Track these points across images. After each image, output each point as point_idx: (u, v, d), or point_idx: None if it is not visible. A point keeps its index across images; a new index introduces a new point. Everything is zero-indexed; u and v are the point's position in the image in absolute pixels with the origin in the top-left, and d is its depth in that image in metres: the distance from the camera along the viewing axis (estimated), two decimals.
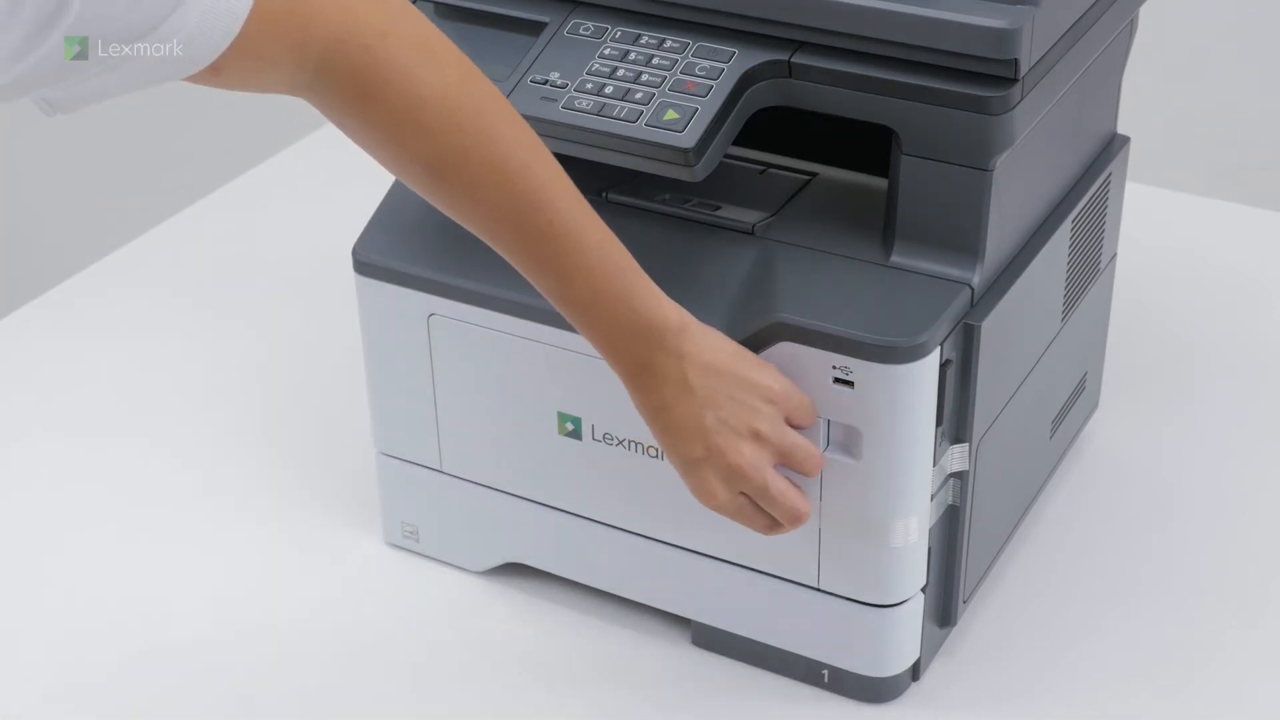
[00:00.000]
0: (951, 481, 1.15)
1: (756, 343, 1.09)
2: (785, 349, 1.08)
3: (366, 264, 1.21)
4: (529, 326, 1.16)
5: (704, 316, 1.11)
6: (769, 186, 1.20)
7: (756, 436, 1.05)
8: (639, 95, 1.09)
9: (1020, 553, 1.31)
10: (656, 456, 1.16)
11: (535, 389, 1.19)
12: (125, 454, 1.44)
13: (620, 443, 1.17)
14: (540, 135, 1.11)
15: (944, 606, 1.19)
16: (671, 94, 1.08)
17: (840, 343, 1.07)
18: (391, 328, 1.22)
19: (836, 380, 1.08)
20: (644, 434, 1.15)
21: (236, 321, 1.60)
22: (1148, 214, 1.62)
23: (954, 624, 1.21)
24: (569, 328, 1.11)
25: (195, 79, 0.89)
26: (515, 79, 1.12)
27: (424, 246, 1.20)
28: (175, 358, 1.56)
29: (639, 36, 1.11)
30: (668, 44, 1.11)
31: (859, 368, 1.07)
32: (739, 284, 1.12)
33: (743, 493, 1.07)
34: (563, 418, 1.18)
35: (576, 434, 1.18)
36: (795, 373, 1.09)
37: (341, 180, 1.83)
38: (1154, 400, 1.48)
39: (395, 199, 1.23)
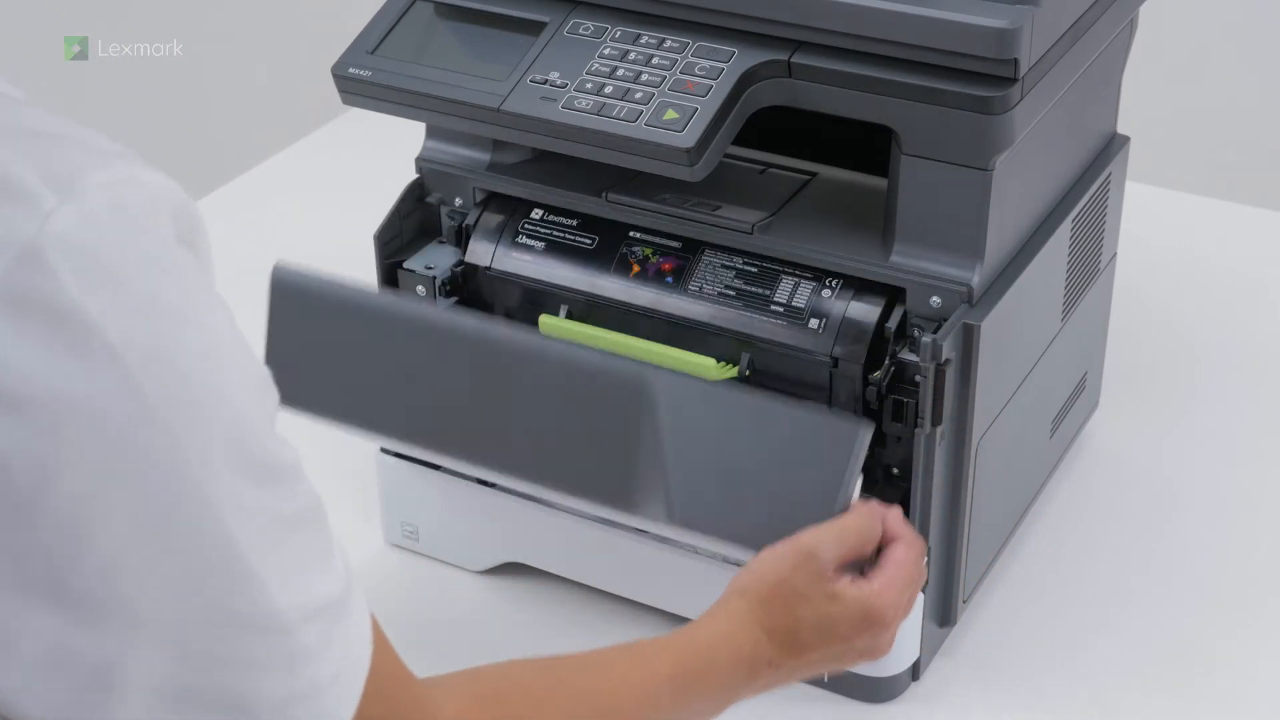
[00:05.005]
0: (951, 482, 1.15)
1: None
2: None
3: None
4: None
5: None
6: (769, 186, 1.20)
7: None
8: (639, 95, 1.09)
9: (1020, 553, 1.30)
10: None
11: None
12: None
13: None
14: (540, 135, 1.11)
15: (944, 606, 1.19)
16: (671, 94, 1.08)
17: None
18: None
19: None
20: None
21: (236, 321, 1.60)
22: (1148, 214, 1.62)
23: (954, 624, 1.21)
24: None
25: None
26: (515, 79, 1.12)
27: None
28: None
29: (639, 36, 1.11)
30: (668, 44, 1.10)
31: None
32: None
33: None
34: None
35: None
36: None
37: (341, 180, 1.83)
38: (1154, 400, 1.48)
39: None
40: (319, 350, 1.09)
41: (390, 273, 1.23)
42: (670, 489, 1.02)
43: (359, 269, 1.30)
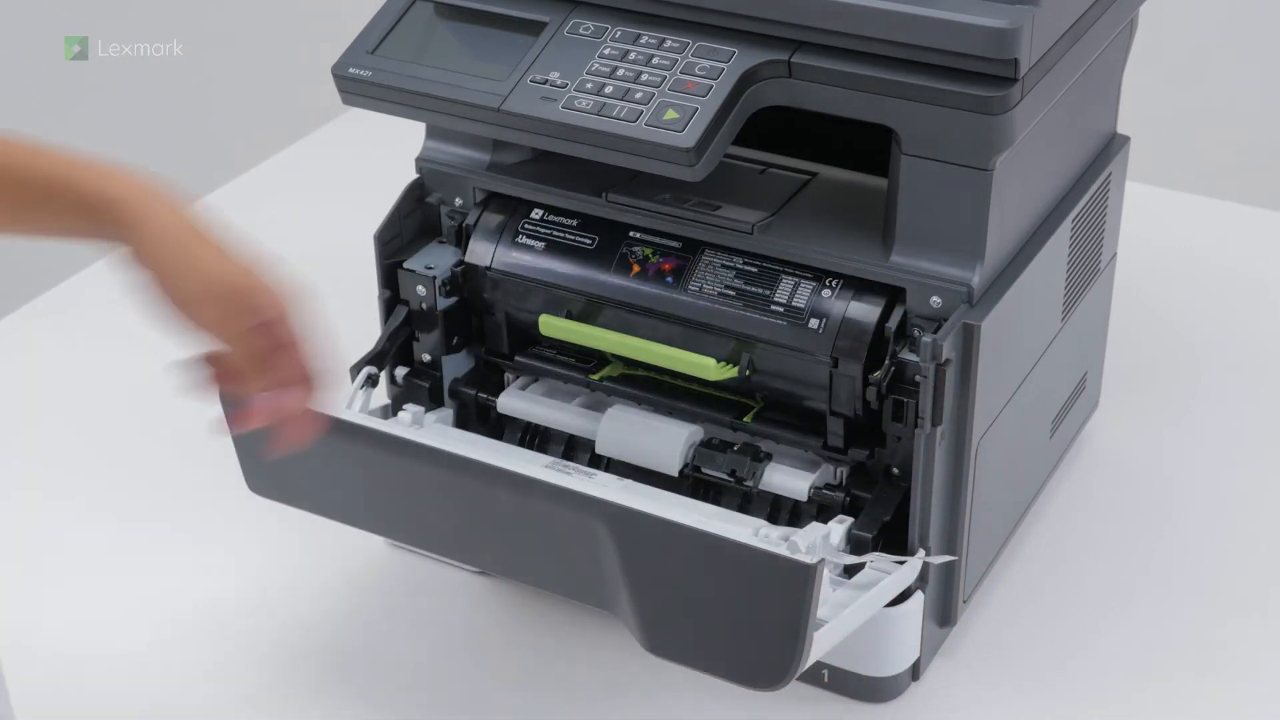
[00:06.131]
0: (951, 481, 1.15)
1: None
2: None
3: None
4: None
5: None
6: (769, 186, 1.20)
7: None
8: (639, 95, 1.09)
9: (1020, 553, 1.30)
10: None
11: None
12: (126, 453, 1.43)
13: None
14: (540, 135, 1.11)
15: (944, 606, 1.19)
16: (671, 94, 1.08)
17: None
18: None
19: None
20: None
21: None
22: (1148, 214, 1.62)
23: (954, 624, 1.21)
24: None
25: None
26: (515, 79, 1.12)
27: None
28: (175, 357, 1.56)
29: (639, 36, 1.11)
30: (668, 44, 1.10)
31: None
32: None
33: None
34: None
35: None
36: None
37: (341, 180, 1.83)
38: (1154, 400, 1.48)
39: None
40: (280, 461, 1.12)
41: (390, 273, 1.23)
42: (640, 617, 1.04)
43: (359, 269, 1.30)
